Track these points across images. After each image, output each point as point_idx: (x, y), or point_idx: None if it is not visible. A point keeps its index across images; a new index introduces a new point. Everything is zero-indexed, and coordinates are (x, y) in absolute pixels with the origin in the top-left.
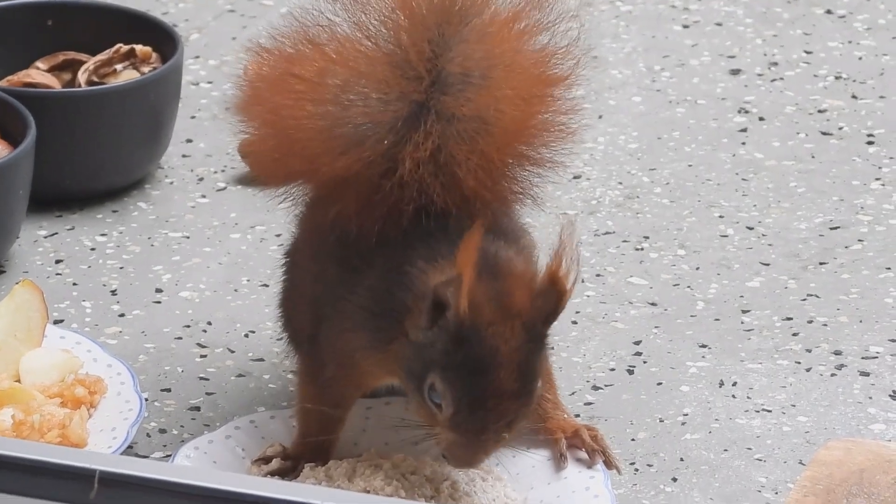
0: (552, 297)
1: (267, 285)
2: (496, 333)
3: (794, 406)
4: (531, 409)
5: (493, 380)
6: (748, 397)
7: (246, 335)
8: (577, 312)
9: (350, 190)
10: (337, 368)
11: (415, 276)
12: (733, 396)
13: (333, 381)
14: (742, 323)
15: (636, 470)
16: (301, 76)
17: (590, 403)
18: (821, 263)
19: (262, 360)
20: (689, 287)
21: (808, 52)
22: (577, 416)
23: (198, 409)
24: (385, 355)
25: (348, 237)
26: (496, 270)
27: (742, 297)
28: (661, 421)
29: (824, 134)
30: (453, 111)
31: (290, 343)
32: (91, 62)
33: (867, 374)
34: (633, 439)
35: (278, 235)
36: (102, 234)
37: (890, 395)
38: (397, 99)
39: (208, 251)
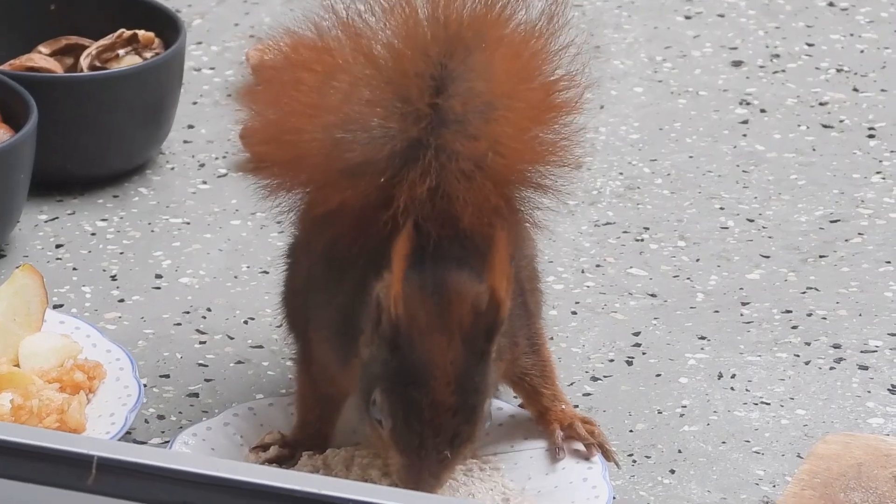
0: (491, 310)
1: (267, 272)
2: (432, 343)
3: (792, 399)
4: (475, 430)
5: (427, 391)
6: (747, 390)
7: (245, 322)
8: (577, 303)
9: (346, 217)
10: (319, 366)
11: (371, 296)
12: (732, 389)
13: (318, 379)
14: (741, 315)
15: (634, 461)
16: (303, 100)
17: (588, 394)
18: (821, 256)
19: (261, 347)
20: (688, 279)
21: (809, 45)
22: (576, 406)
23: (196, 395)
24: (346, 373)
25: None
26: (442, 286)
27: (741, 289)
28: (660, 412)
29: (825, 127)
30: (453, 148)
31: (289, 329)
32: (93, 47)
33: (866, 368)
34: (631, 431)
35: (279, 222)
36: (103, 220)
37: (888, 389)
38: (398, 132)
39: (209, 237)
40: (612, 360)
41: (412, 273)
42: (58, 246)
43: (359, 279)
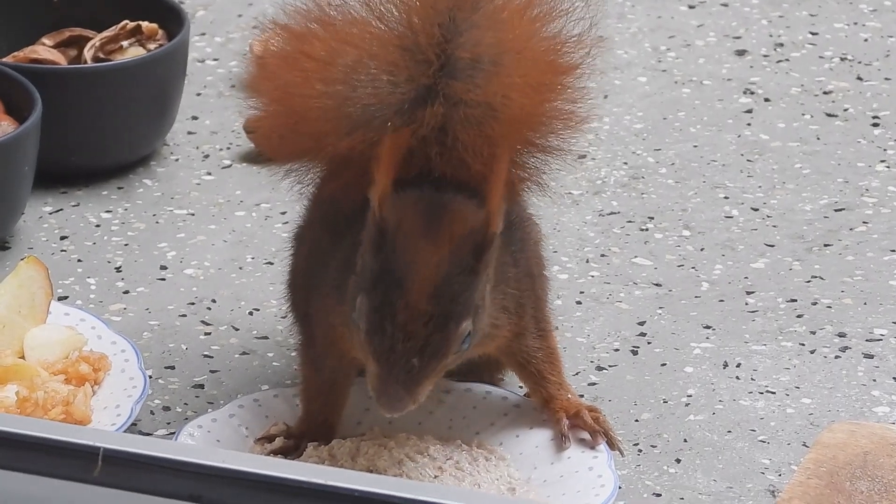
0: (484, 227)
1: (272, 263)
2: (415, 246)
3: (797, 388)
4: (447, 345)
5: (403, 293)
6: (752, 379)
7: (250, 313)
8: (582, 293)
9: (353, 167)
10: (322, 339)
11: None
12: (737, 378)
13: (323, 355)
14: (746, 304)
15: (640, 451)
16: (311, 55)
17: (594, 384)
18: (825, 245)
19: (266, 337)
20: (693, 268)
21: (813, 34)
22: (582, 396)
23: (202, 386)
24: (346, 311)
25: (341, 205)
26: (439, 202)
27: (746, 278)
28: (665, 402)
29: (829, 115)
30: (461, 96)
31: (294, 318)
32: (97, 39)
33: (871, 357)
34: (636, 420)
35: (283, 213)
36: (107, 211)
37: (894, 378)
38: (406, 82)
39: (213, 228)
40: (617, 350)
41: (411, 188)
42: (62, 238)
43: (362, 223)
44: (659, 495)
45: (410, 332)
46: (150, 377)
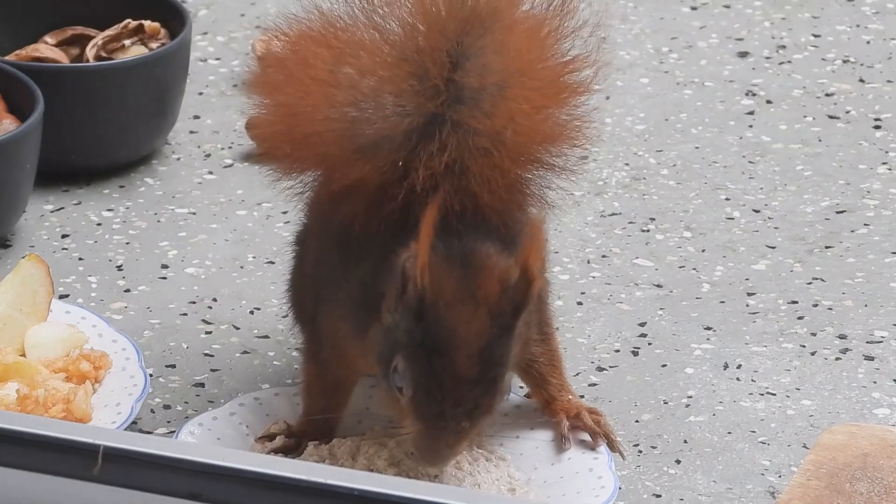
0: (521, 286)
1: (273, 262)
2: (457, 314)
3: (798, 389)
4: (495, 402)
5: (450, 362)
6: (752, 380)
7: (251, 312)
8: (583, 293)
9: (360, 194)
10: (329, 350)
11: (394, 262)
12: (738, 379)
13: (329, 363)
14: (747, 306)
15: (640, 451)
16: (317, 77)
17: (594, 385)
18: (826, 247)
19: (267, 337)
20: (694, 269)
21: (816, 36)
22: (582, 396)
23: (202, 385)
24: (365, 345)
25: (352, 227)
26: (470, 259)
27: (747, 279)
28: (666, 403)
29: (831, 118)
30: (470, 124)
31: (296, 320)
32: (99, 37)
33: (872, 359)
34: (636, 421)
35: (284, 213)
36: (109, 210)
37: (895, 380)
38: (414, 109)
39: (214, 227)
40: (617, 351)
41: (438, 243)
42: (64, 236)
43: (378, 250)
44: (659, 496)
45: (459, 397)
46: (151, 375)
